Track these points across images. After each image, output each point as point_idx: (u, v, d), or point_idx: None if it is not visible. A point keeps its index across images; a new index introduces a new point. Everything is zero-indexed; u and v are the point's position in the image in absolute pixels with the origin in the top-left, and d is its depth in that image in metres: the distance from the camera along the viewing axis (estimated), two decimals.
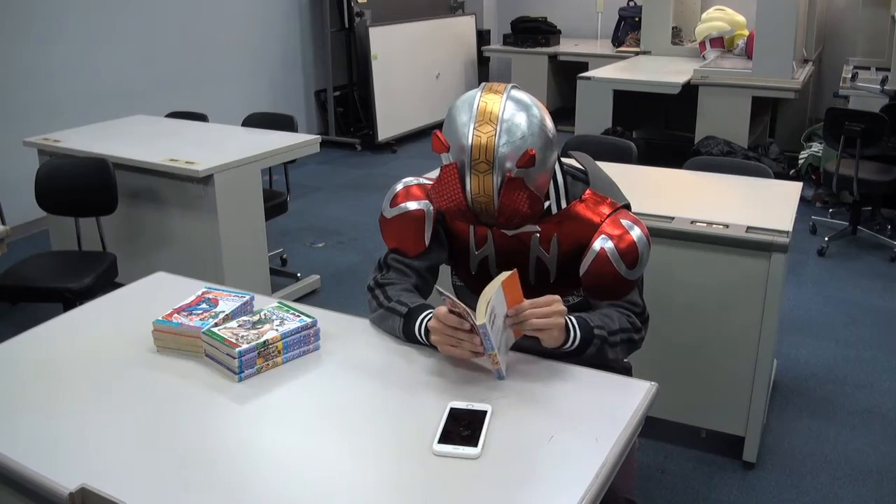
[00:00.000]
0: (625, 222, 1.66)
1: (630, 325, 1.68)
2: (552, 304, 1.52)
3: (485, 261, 1.81)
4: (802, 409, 3.00)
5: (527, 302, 1.52)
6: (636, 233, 1.65)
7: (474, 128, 1.50)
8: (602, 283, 1.66)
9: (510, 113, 1.51)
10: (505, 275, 1.51)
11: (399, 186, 1.79)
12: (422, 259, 1.77)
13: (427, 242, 1.75)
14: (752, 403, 2.55)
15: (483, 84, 1.59)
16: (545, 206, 1.63)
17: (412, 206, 1.74)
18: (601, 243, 1.64)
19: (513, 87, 1.56)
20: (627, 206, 1.74)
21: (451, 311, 1.52)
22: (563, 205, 1.72)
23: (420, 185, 1.77)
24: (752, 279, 2.43)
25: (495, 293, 1.47)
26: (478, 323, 1.43)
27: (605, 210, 1.69)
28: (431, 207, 1.74)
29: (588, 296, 1.74)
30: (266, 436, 1.40)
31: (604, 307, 1.69)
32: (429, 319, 1.60)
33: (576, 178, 1.77)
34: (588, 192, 1.72)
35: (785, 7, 4.99)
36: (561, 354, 1.59)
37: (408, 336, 1.66)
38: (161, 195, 3.54)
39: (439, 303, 1.58)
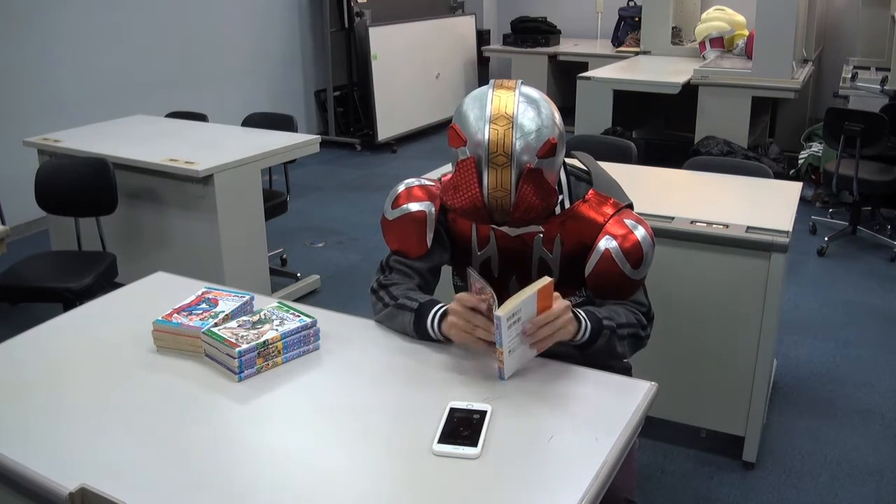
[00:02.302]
0: (629, 222, 1.66)
1: (637, 321, 1.69)
2: (561, 316, 1.51)
3: (487, 261, 1.80)
4: (802, 409, 3.00)
5: (541, 317, 1.50)
6: (640, 232, 1.65)
7: (490, 123, 1.51)
8: (607, 284, 1.67)
9: (524, 108, 1.52)
10: (543, 281, 1.49)
11: (401, 187, 1.78)
12: (424, 260, 1.77)
13: (429, 244, 1.75)
14: (751, 403, 2.55)
15: (492, 81, 1.60)
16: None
17: (414, 207, 1.74)
18: (606, 244, 1.64)
19: (522, 84, 1.58)
20: (630, 206, 1.74)
21: (477, 293, 1.51)
22: (567, 204, 1.72)
23: (422, 187, 1.77)
24: (752, 279, 2.43)
25: (528, 297, 1.46)
26: (496, 313, 1.43)
27: (609, 210, 1.69)
28: (433, 209, 1.74)
29: (594, 296, 1.73)
30: (266, 436, 1.40)
31: (609, 304, 1.69)
32: (442, 311, 1.60)
33: (579, 178, 1.77)
34: (591, 191, 1.72)
35: (785, 7, 4.99)
36: (571, 348, 1.59)
37: (419, 331, 1.65)
38: (161, 195, 3.54)
39: (447, 300, 1.57)
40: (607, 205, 1.70)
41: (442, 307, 1.62)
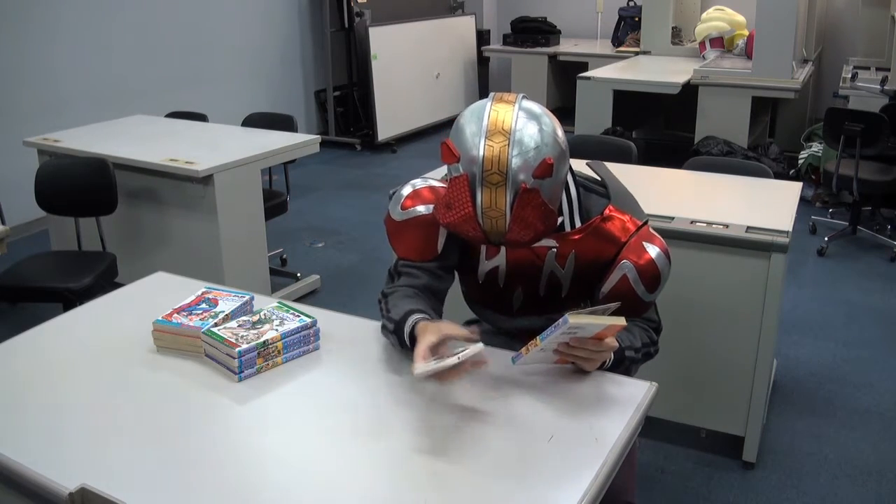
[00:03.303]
0: (647, 245, 1.63)
1: (649, 339, 1.69)
2: (604, 352, 1.52)
3: (494, 271, 1.75)
4: (802, 409, 3.00)
5: (591, 344, 1.49)
6: (656, 253, 1.63)
7: (485, 139, 1.43)
8: (622, 305, 1.63)
9: (522, 123, 1.45)
10: (619, 321, 1.47)
11: (407, 189, 1.71)
12: (434, 260, 1.70)
13: (440, 248, 1.68)
14: (751, 403, 2.55)
15: (492, 94, 1.52)
16: (558, 223, 1.58)
17: (423, 209, 1.67)
18: (625, 266, 1.61)
19: (523, 98, 1.51)
20: (646, 223, 1.70)
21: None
22: (577, 218, 1.67)
23: (430, 188, 1.70)
24: (752, 279, 2.43)
25: (598, 324, 1.45)
26: (567, 315, 1.40)
27: (629, 228, 1.65)
28: None
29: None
30: (266, 436, 1.40)
31: None
32: (413, 326, 1.52)
33: (589, 189, 1.71)
34: (609, 207, 1.67)
35: (785, 7, 4.99)
36: None
37: (405, 348, 1.57)
38: (161, 195, 3.54)
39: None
40: (626, 223, 1.65)
41: (414, 321, 1.53)
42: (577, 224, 1.67)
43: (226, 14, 6.21)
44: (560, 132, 1.51)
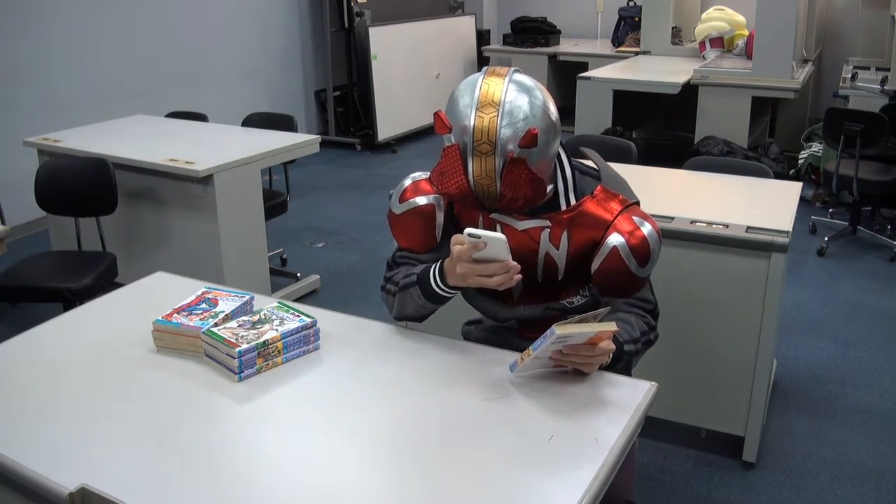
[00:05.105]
0: (636, 219, 1.65)
1: (647, 325, 1.69)
2: (600, 355, 1.51)
3: None
4: (802, 409, 3.00)
5: (583, 349, 1.49)
6: (648, 230, 1.64)
7: (476, 110, 1.50)
8: (614, 281, 1.66)
9: (512, 95, 1.51)
10: (610, 326, 1.48)
11: (407, 182, 1.78)
12: (431, 252, 1.76)
13: (439, 238, 1.74)
14: (751, 403, 2.55)
15: (485, 68, 1.59)
16: (549, 191, 1.62)
17: (421, 200, 1.73)
18: (613, 240, 1.63)
19: (515, 71, 1.57)
20: (637, 203, 1.73)
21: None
22: (572, 199, 1.70)
23: (429, 180, 1.75)
24: (752, 279, 2.43)
25: (587, 332, 1.46)
26: (553, 327, 1.42)
27: (616, 207, 1.68)
28: (442, 201, 1.73)
29: (599, 293, 1.73)
30: (266, 436, 1.40)
31: (617, 305, 1.69)
32: (440, 266, 1.61)
33: (584, 172, 1.75)
34: (599, 188, 1.71)
35: (785, 7, 4.99)
36: None
37: (431, 298, 1.65)
38: (161, 195, 3.54)
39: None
40: (615, 201, 1.69)
41: (438, 263, 1.63)
42: (572, 203, 1.71)
43: (226, 14, 6.21)
44: (551, 106, 1.56)
